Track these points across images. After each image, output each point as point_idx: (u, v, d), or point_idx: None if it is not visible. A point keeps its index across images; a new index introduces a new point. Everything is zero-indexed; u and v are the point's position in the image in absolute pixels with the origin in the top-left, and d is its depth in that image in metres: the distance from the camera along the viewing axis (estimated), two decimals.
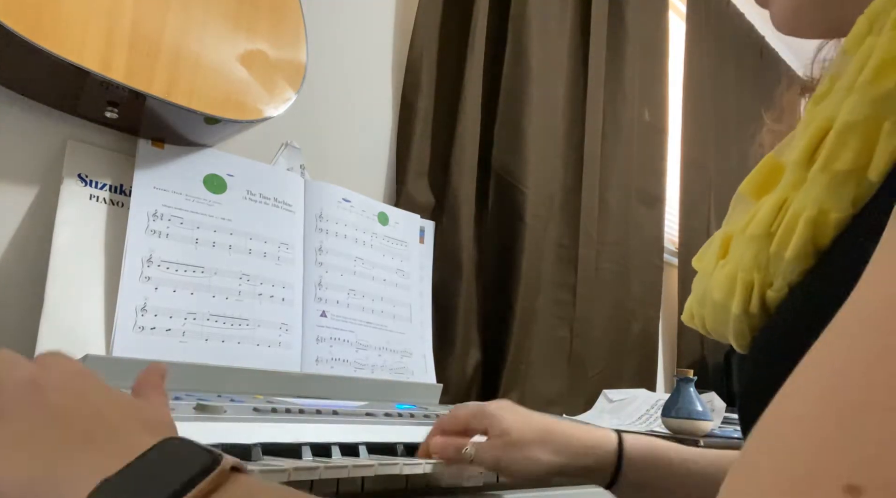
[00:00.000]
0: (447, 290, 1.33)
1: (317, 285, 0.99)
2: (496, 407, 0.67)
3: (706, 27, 2.32)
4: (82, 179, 0.85)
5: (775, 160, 0.44)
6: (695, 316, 0.48)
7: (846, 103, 0.35)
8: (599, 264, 1.77)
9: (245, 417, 0.65)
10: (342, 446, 0.61)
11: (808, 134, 0.37)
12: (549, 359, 1.58)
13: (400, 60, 1.37)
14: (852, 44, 0.37)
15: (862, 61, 0.35)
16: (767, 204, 0.39)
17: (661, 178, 2.04)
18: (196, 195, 0.91)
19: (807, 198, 0.36)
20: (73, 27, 0.74)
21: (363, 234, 1.09)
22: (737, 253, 0.41)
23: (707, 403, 1.31)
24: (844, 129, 0.35)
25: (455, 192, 1.36)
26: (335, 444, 0.60)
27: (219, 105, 0.86)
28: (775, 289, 0.38)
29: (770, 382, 0.37)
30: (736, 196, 0.46)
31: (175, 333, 0.83)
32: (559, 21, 1.66)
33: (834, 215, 0.35)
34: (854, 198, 0.35)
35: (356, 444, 0.63)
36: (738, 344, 0.43)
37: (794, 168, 0.38)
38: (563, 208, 1.67)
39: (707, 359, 2.18)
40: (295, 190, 1.02)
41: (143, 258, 0.83)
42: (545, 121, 1.58)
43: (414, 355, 1.11)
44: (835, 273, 0.35)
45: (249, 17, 0.91)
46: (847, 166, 0.34)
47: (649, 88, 2.01)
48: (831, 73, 0.39)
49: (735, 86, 2.48)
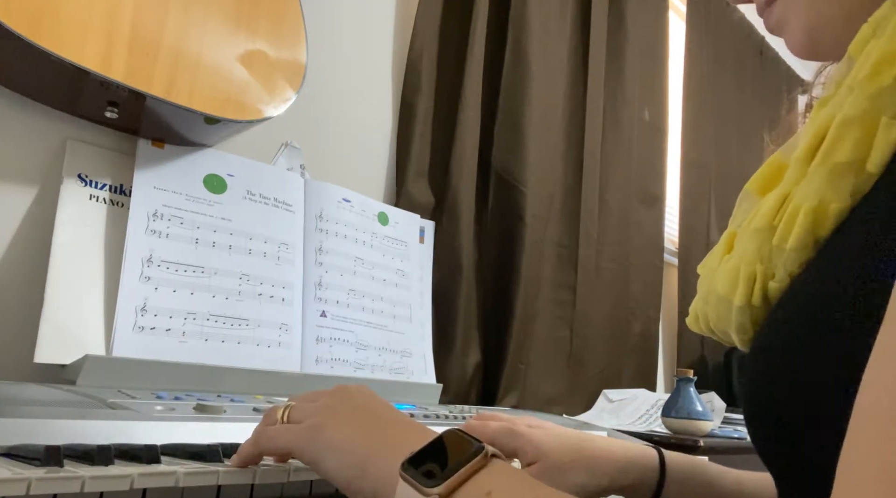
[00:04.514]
0: (447, 290, 1.33)
1: (317, 285, 0.99)
2: (527, 426, 0.63)
3: (706, 27, 2.32)
4: (82, 179, 0.85)
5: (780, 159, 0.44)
6: (699, 316, 0.48)
7: (846, 100, 0.36)
8: (599, 264, 1.77)
9: (245, 417, 0.65)
10: None
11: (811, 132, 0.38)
12: (549, 359, 1.58)
13: (400, 60, 1.37)
14: (856, 48, 0.38)
15: (863, 63, 0.36)
16: (771, 199, 0.40)
17: (661, 178, 2.04)
18: (196, 195, 0.90)
19: (808, 190, 0.37)
20: (72, 27, 0.74)
21: (363, 235, 1.09)
22: (740, 247, 0.42)
23: (707, 403, 1.31)
24: (843, 124, 0.36)
25: (455, 192, 1.36)
26: None
27: (219, 105, 0.86)
28: (777, 280, 0.39)
29: (773, 376, 0.38)
30: (742, 193, 0.47)
31: (175, 333, 0.83)
32: (559, 21, 1.66)
33: (834, 206, 0.36)
34: (853, 189, 0.35)
35: None
36: (740, 339, 0.44)
37: (796, 164, 0.39)
38: (563, 208, 1.67)
39: (707, 359, 2.18)
40: (295, 190, 1.02)
41: (143, 258, 0.83)
42: (545, 121, 1.58)
43: (414, 355, 1.11)
44: (834, 263, 0.35)
45: (249, 17, 0.91)
46: (846, 159, 0.35)
47: (649, 88, 2.01)
48: (836, 78, 0.40)
49: (735, 86, 2.48)
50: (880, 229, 0.33)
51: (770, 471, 0.41)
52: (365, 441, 0.43)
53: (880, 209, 0.34)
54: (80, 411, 0.55)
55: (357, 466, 0.42)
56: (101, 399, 0.62)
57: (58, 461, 0.41)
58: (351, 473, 0.42)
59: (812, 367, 0.34)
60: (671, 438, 1.23)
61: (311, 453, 0.45)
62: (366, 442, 0.43)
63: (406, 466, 0.38)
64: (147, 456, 0.45)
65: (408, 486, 0.37)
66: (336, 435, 0.44)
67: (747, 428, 0.41)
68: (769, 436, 0.39)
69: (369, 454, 0.42)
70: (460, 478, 0.36)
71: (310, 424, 0.46)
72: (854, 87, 0.36)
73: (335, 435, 0.44)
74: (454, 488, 0.36)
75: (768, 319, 0.40)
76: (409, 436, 0.42)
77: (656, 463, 0.63)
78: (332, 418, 0.46)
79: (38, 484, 0.38)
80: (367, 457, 0.42)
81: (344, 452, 0.43)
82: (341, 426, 0.45)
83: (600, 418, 1.43)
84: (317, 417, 0.47)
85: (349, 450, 0.43)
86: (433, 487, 0.36)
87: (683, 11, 2.27)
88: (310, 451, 0.45)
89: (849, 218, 0.36)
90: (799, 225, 0.37)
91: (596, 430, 1.05)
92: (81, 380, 0.73)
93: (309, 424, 0.46)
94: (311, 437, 0.46)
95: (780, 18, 0.46)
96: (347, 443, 0.44)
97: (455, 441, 0.39)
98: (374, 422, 0.45)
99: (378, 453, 0.42)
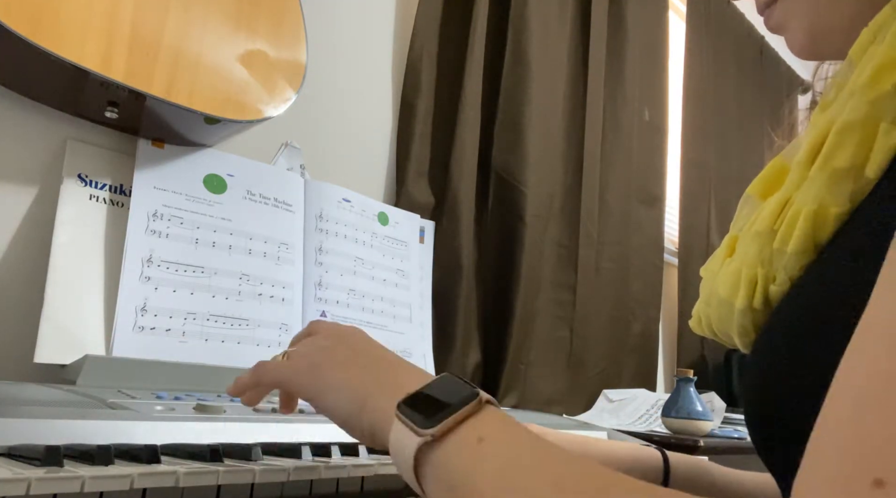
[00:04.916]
0: (447, 290, 1.33)
1: (317, 285, 0.99)
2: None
3: (706, 27, 2.32)
4: (82, 179, 0.85)
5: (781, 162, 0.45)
6: (702, 319, 0.48)
7: (846, 105, 0.36)
8: (599, 264, 1.77)
9: (245, 417, 0.65)
10: (342, 446, 0.60)
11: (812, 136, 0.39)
12: (549, 359, 1.58)
13: (400, 60, 1.37)
14: (857, 53, 0.38)
15: (864, 68, 0.36)
16: (772, 203, 0.41)
17: (661, 178, 2.04)
18: (196, 195, 0.91)
19: (808, 194, 0.37)
20: (72, 27, 0.74)
21: (363, 235, 1.09)
22: (742, 250, 0.43)
23: (707, 403, 1.31)
24: (843, 129, 0.36)
25: (455, 192, 1.36)
26: (335, 444, 0.60)
27: (219, 105, 0.86)
28: (778, 283, 0.39)
29: (774, 379, 0.38)
30: (744, 197, 0.47)
31: (175, 333, 0.83)
32: (559, 21, 1.66)
33: (833, 210, 0.36)
34: (852, 194, 0.36)
35: (356, 444, 0.63)
36: (741, 342, 0.44)
37: (797, 168, 0.39)
38: (563, 208, 1.67)
39: (707, 359, 2.18)
40: (295, 190, 1.02)
41: (143, 258, 0.83)
42: (545, 121, 1.58)
43: (414, 355, 1.12)
44: (834, 267, 0.36)
45: (249, 17, 0.91)
46: (845, 164, 0.36)
47: (649, 88, 2.01)
48: (837, 81, 0.40)
49: (735, 85, 2.48)
50: (879, 233, 0.33)
51: (772, 473, 0.41)
52: (364, 381, 0.45)
53: (879, 213, 0.34)
54: (80, 411, 0.55)
55: (355, 404, 0.43)
56: (101, 399, 0.62)
57: (58, 461, 0.41)
58: (349, 410, 0.44)
59: (813, 370, 0.34)
60: (671, 438, 1.23)
61: (311, 389, 0.47)
62: (365, 382, 0.45)
63: (402, 407, 0.39)
64: (147, 456, 0.45)
65: (403, 425, 0.38)
66: (337, 374, 0.46)
67: (749, 430, 0.41)
68: (771, 438, 0.39)
69: (368, 393, 0.43)
70: (454, 421, 0.36)
71: (310, 362, 0.48)
72: (854, 92, 0.36)
73: (336, 374, 0.46)
74: (447, 431, 0.36)
75: (769, 321, 0.40)
76: (408, 377, 0.44)
77: (660, 464, 0.64)
78: (332, 359, 0.47)
79: (38, 484, 0.38)
80: (366, 396, 0.43)
81: (343, 390, 0.45)
82: (341, 366, 0.46)
83: (600, 418, 1.43)
84: (317, 356, 0.48)
85: (348, 388, 0.45)
86: (427, 429, 0.36)
87: (683, 11, 2.27)
88: (310, 387, 0.47)
89: (848, 222, 0.36)
90: (799, 229, 0.37)
91: (596, 430, 1.05)
92: (81, 380, 0.73)
93: (309, 361, 0.48)
94: (311, 374, 0.47)
95: (781, 19, 0.46)
96: (347, 382, 0.45)
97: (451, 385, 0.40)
98: (372, 363, 0.47)
99: (376, 393, 0.43)
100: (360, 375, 0.45)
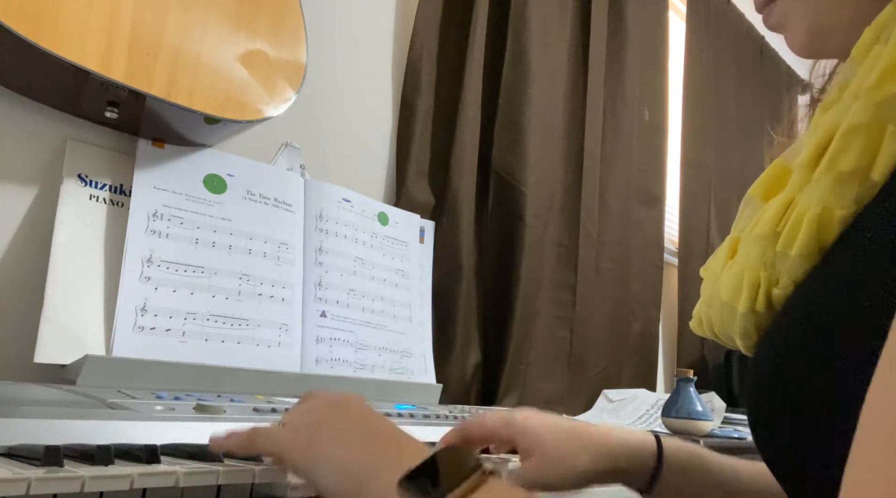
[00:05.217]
0: (447, 290, 1.33)
1: (317, 285, 0.99)
2: (523, 417, 0.63)
3: (706, 27, 2.32)
4: (82, 179, 0.85)
5: (783, 164, 0.44)
6: (703, 320, 0.48)
7: (852, 108, 0.36)
8: (599, 264, 1.77)
9: (245, 417, 0.65)
10: None
11: (815, 138, 0.38)
12: (549, 359, 1.58)
13: (400, 60, 1.37)
14: (860, 53, 0.37)
15: (869, 69, 0.36)
16: (774, 205, 0.40)
17: (661, 178, 2.04)
18: (196, 195, 0.91)
19: (812, 197, 0.37)
20: (72, 27, 0.74)
21: (363, 235, 1.09)
22: (744, 252, 0.42)
23: (707, 403, 1.31)
24: (849, 132, 0.36)
25: (455, 192, 1.36)
26: None
27: (219, 105, 0.86)
28: (781, 286, 0.39)
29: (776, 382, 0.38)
30: (745, 199, 0.47)
31: (175, 333, 0.83)
32: (559, 21, 1.66)
33: (838, 213, 0.36)
34: (857, 197, 0.35)
35: None
36: (744, 345, 0.44)
37: (800, 170, 0.39)
38: (563, 208, 1.67)
39: (707, 359, 2.18)
40: (295, 190, 1.02)
41: (143, 258, 0.83)
42: (545, 121, 1.58)
43: (413, 355, 1.11)
44: (838, 271, 0.36)
45: (249, 17, 0.91)
46: (851, 167, 0.35)
47: (649, 88, 2.01)
48: (840, 81, 0.40)
49: (735, 85, 2.48)
50: (885, 237, 0.33)
51: (774, 474, 0.41)
52: (361, 458, 0.44)
53: (885, 217, 0.34)
54: (80, 411, 0.55)
55: (354, 483, 0.42)
56: (101, 399, 0.62)
57: (58, 461, 0.41)
58: (348, 490, 0.43)
59: (816, 373, 0.34)
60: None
61: (304, 467, 0.46)
62: (362, 459, 0.44)
63: (404, 484, 0.38)
64: (147, 456, 0.45)
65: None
66: (331, 451, 0.45)
67: (752, 433, 0.41)
68: (773, 441, 0.39)
69: (366, 470, 0.43)
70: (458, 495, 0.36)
71: (304, 438, 0.47)
72: (860, 94, 0.36)
73: (330, 451, 0.45)
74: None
75: (772, 325, 0.40)
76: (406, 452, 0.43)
77: (654, 448, 0.63)
78: (326, 433, 0.46)
79: (38, 484, 0.38)
80: (364, 473, 0.42)
81: (339, 467, 0.44)
82: (335, 441, 0.45)
83: (600, 418, 1.43)
84: (310, 431, 0.47)
85: (345, 466, 0.44)
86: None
87: (683, 11, 2.27)
88: (303, 465, 0.46)
89: (853, 225, 0.36)
90: (804, 232, 0.37)
91: None
92: (81, 380, 0.73)
93: (303, 437, 0.47)
94: (304, 451, 0.46)
95: (780, 17, 0.46)
96: (343, 459, 0.44)
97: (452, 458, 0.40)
98: (369, 437, 0.45)
99: (375, 470, 0.42)
100: (358, 450, 0.44)
